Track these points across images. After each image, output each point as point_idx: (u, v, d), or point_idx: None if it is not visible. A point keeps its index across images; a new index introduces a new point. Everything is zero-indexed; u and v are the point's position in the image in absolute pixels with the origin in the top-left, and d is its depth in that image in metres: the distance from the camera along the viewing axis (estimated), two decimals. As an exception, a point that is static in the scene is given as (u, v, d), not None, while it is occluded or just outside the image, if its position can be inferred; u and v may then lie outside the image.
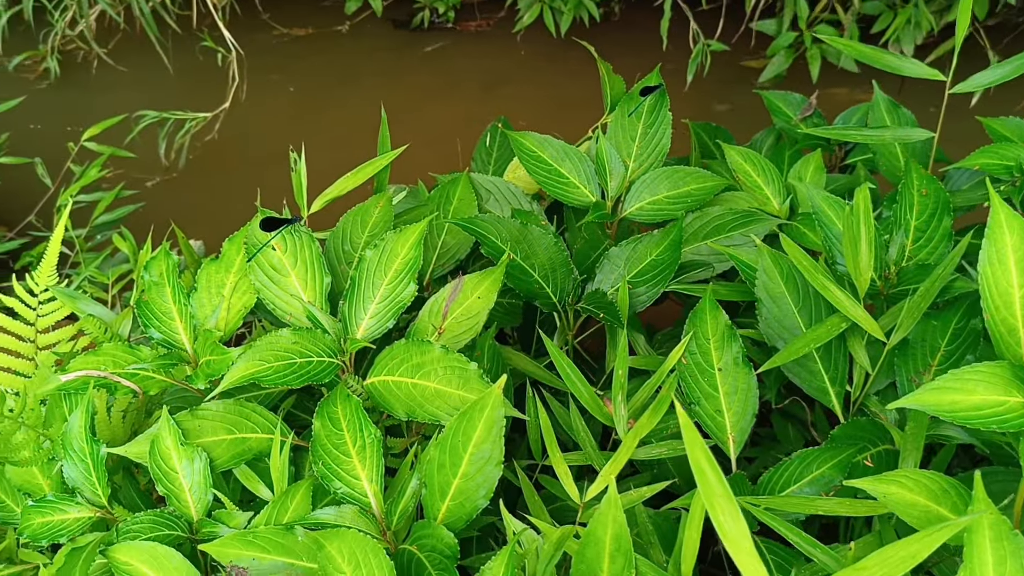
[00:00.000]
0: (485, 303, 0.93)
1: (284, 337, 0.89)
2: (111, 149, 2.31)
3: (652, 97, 1.37)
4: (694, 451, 0.51)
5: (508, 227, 1.10)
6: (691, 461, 0.51)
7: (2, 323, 1.12)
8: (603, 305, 1.07)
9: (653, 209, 1.30)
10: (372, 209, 1.12)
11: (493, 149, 1.67)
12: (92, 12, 2.94)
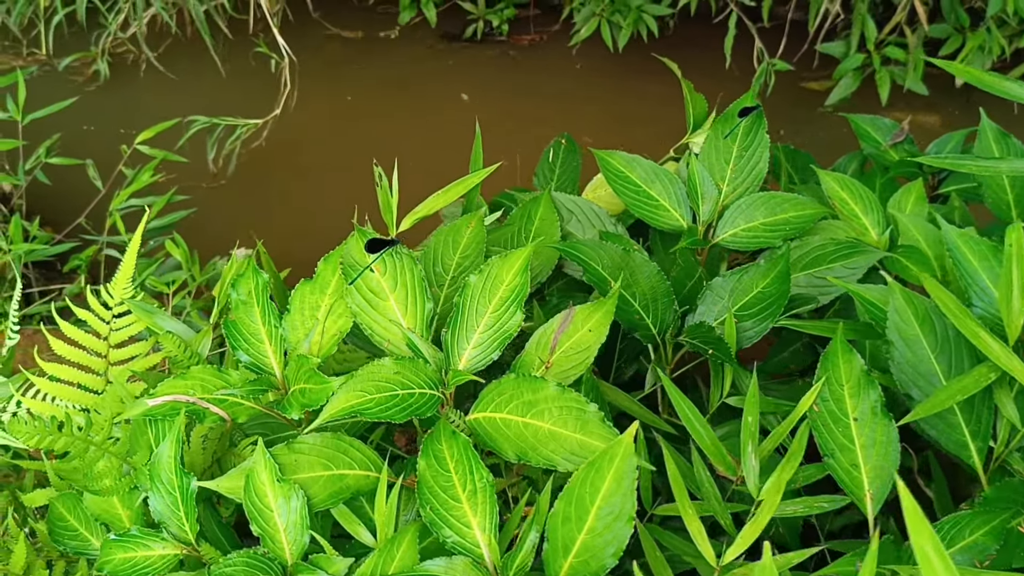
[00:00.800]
0: (596, 336, 0.87)
1: (386, 367, 0.83)
2: (164, 153, 2.28)
3: (749, 118, 1.30)
4: (919, 534, 0.44)
5: (611, 254, 1.04)
6: (915, 545, 0.45)
7: (74, 335, 1.06)
8: (710, 340, 1.00)
9: (748, 236, 1.24)
10: (464, 229, 1.07)
11: (556, 166, 1.62)
12: (146, 15, 2.91)
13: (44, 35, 3.03)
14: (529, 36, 3.20)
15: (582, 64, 3.02)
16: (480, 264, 1.04)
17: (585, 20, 2.88)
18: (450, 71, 3.09)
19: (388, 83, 3.04)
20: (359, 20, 3.24)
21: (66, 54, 3.04)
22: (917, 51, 2.68)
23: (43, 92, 2.72)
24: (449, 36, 3.22)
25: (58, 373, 1.07)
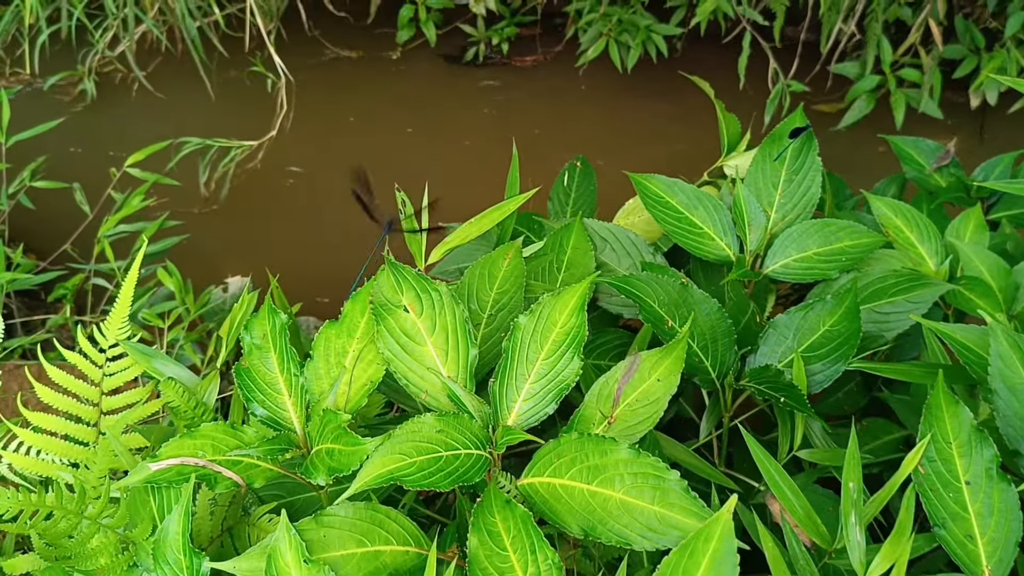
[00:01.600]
0: (666, 387, 0.76)
1: (427, 424, 0.72)
2: (155, 176, 2.16)
3: (799, 140, 1.21)
4: None
5: (667, 289, 0.93)
6: None
7: (62, 381, 0.95)
8: (780, 385, 0.90)
9: (801, 267, 1.14)
10: (500, 262, 0.96)
11: (571, 190, 1.52)
12: (135, 32, 2.80)
13: (28, 53, 2.91)
14: (532, 57, 3.11)
15: (587, 84, 2.93)
16: (519, 300, 0.93)
17: (592, 40, 2.80)
18: (452, 92, 3.00)
19: (388, 104, 2.95)
20: (358, 40, 3.14)
21: (51, 73, 2.92)
22: (933, 73, 2.61)
23: (28, 112, 2.60)
24: (449, 58, 3.13)
25: (44, 424, 0.95)
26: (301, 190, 2.62)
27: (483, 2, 3.02)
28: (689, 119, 2.85)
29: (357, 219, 2.57)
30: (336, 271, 2.33)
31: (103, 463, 0.91)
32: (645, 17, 2.81)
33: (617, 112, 2.84)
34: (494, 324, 0.92)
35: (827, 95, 2.76)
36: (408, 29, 3.07)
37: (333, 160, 2.72)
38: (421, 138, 2.79)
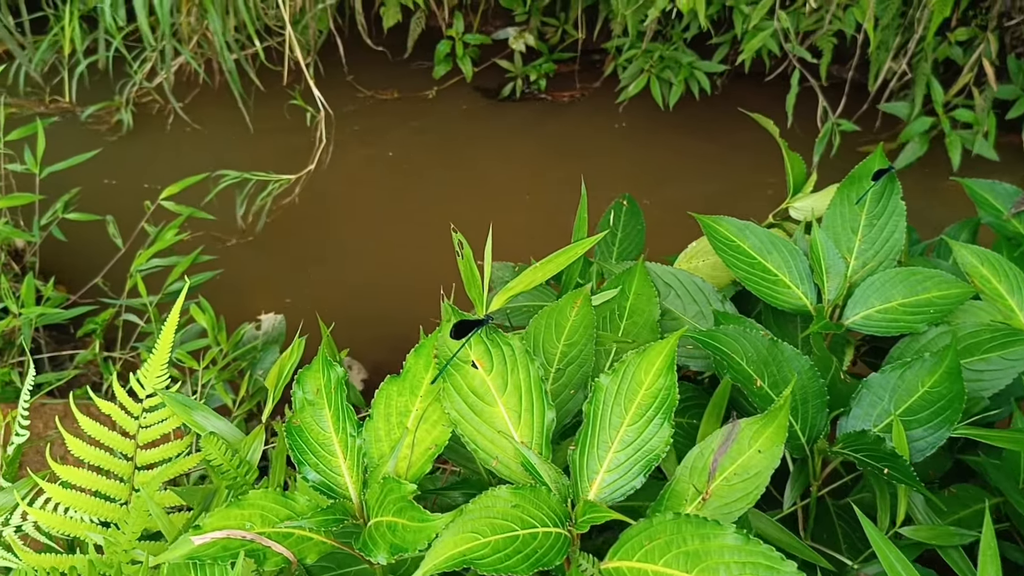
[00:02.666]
0: (768, 459, 0.67)
1: (502, 498, 0.64)
2: (190, 210, 2.11)
3: (881, 182, 1.13)
4: None
5: (755, 345, 0.85)
6: None
7: (94, 433, 0.88)
8: (882, 454, 0.81)
9: (884, 319, 1.05)
10: (567, 311, 0.88)
11: (618, 230, 1.44)
12: (173, 64, 2.79)
13: (67, 83, 2.91)
14: (569, 92, 3.06)
15: (627, 121, 2.88)
16: (589, 353, 0.86)
17: (633, 77, 2.75)
18: (490, 127, 2.95)
19: (426, 140, 2.90)
20: (394, 79, 3.10)
21: (89, 102, 2.91)
22: (987, 114, 2.52)
23: (63, 142, 2.58)
24: (486, 92, 3.09)
25: (74, 478, 0.88)
26: (339, 222, 2.58)
27: (522, 39, 2.99)
28: (729, 159, 2.78)
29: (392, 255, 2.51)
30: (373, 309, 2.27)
31: (137, 523, 0.84)
32: (687, 54, 2.75)
33: (657, 150, 2.78)
34: (563, 379, 0.85)
35: (876, 134, 2.68)
36: (445, 64, 3.04)
37: (371, 195, 2.67)
38: (460, 173, 2.74)
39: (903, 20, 2.62)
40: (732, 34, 2.73)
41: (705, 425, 0.87)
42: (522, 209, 2.52)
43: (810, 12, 2.58)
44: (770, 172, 2.55)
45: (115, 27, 2.62)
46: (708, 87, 2.72)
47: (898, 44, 2.62)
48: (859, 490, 1.03)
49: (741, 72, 2.95)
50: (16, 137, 2.10)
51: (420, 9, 2.98)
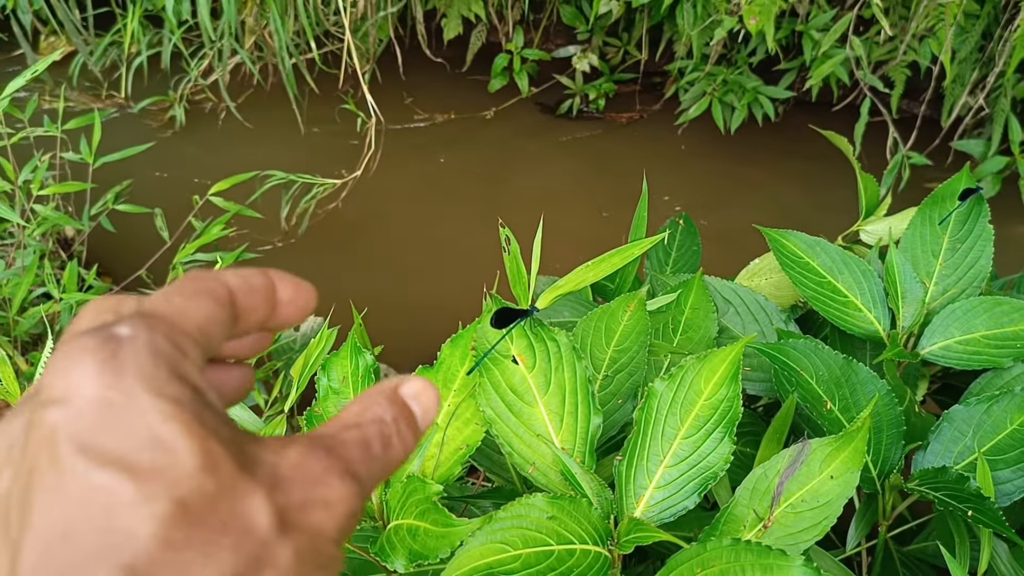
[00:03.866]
0: (842, 487, 0.59)
1: (536, 507, 0.57)
2: (237, 207, 2.09)
3: (967, 204, 1.04)
4: None
5: (827, 362, 0.77)
6: None
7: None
8: (965, 495, 0.72)
9: (966, 351, 0.96)
10: (619, 314, 0.81)
11: (672, 249, 1.37)
12: (230, 63, 2.80)
13: (124, 78, 2.93)
14: (627, 114, 3.00)
15: (686, 144, 2.80)
16: (641, 360, 0.78)
17: (695, 99, 2.68)
18: (544, 145, 2.90)
19: (478, 154, 2.86)
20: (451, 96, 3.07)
21: (143, 98, 2.93)
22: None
23: (116, 136, 2.59)
24: (544, 107, 3.04)
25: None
26: (383, 231, 2.54)
27: (586, 58, 2.94)
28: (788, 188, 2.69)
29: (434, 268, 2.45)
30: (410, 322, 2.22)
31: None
32: (752, 79, 2.68)
33: (714, 175, 2.69)
34: (611, 387, 0.77)
35: (946, 171, 2.57)
36: (501, 78, 3.00)
37: (416, 206, 2.63)
38: (509, 187, 2.69)
39: (981, 55, 2.51)
40: (800, 60, 2.65)
41: (764, 449, 0.79)
42: (571, 226, 2.45)
43: (884, 41, 2.49)
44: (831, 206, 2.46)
45: (176, 24, 2.64)
46: (772, 113, 2.64)
47: (975, 79, 2.51)
48: (924, 537, 0.94)
49: (807, 101, 2.87)
50: (74, 127, 2.10)
51: (482, 22, 2.96)
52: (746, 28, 2.25)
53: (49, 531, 0.20)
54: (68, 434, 0.21)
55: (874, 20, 2.49)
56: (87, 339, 0.22)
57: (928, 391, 1.09)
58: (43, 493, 0.21)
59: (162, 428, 0.21)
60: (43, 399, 0.21)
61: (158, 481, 0.20)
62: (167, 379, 0.22)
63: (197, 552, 0.20)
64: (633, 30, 2.95)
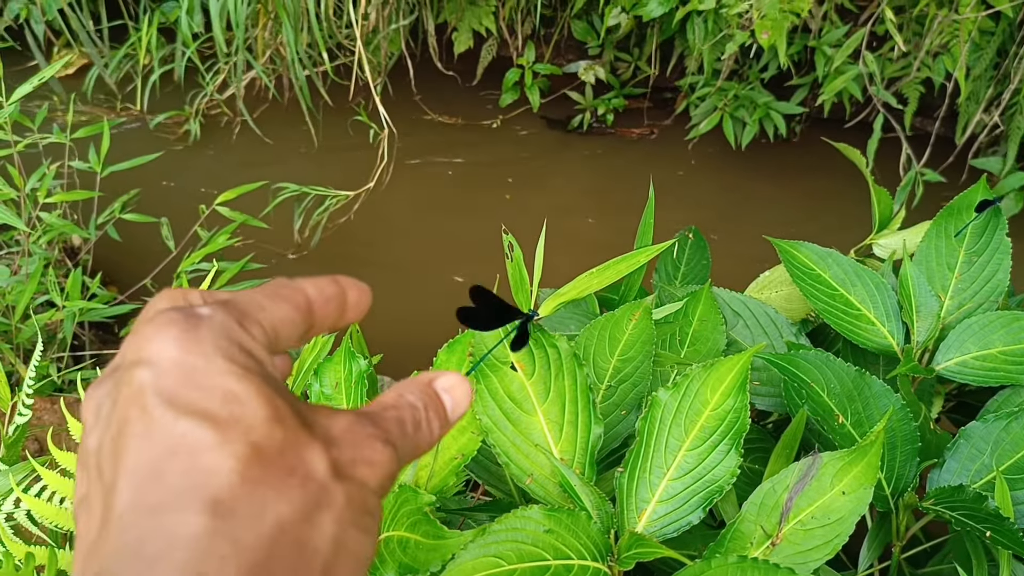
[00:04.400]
0: (854, 503, 0.56)
1: (533, 520, 0.54)
2: (244, 216, 2.08)
3: (984, 216, 1.02)
4: None
5: (839, 374, 0.74)
6: None
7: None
8: (983, 515, 0.69)
9: (982, 367, 0.93)
10: (624, 323, 0.79)
11: (681, 262, 1.35)
12: (245, 78, 2.80)
13: (140, 91, 2.94)
14: (638, 129, 2.98)
15: (696, 159, 2.78)
16: (646, 370, 0.76)
17: (705, 114, 2.66)
18: (553, 159, 2.89)
19: (488, 167, 2.85)
20: (460, 106, 3.07)
21: (159, 111, 2.94)
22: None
23: (131, 149, 2.59)
24: (552, 122, 3.03)
25: (74, 465, 0.81)
26: (392, 243, 2.52)
27: (592, 71, 2.94)
28: (800, 204, 2.67)
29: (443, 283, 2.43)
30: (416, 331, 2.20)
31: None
32: (763, 94, 2.66)
33: (725, 190, 2.67)
34: (614, 397, 0.75)
35: (961, 188, 2.53)
36: (512, 92, 3.00)
37: (427, 218, 2.62)
38: (518, 202, 2.67)
39: (996, 72, 2.49)
40: (812, 76, 2.63)
41: (773, 465, 0.76)
42: (577, 241, 2.43)
43: (897, 57, 2.47)
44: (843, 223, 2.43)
45: (190, 37, 2.65)
46: (784, 129, 2.62)
47: (990, 96, 2.48)
48: (940, 559, 0.90)
49: (819, 117, 2.84)
50: (83, 135, 2.10)
51: (493, 36, 2.95)
52: (758, 43, 2.24)
53: (141, 472, 0.23)
54: (155, 390, 0.24)
55: (887, 36, 2.47)
56: (171, 314, 0.25)
57: (942, 409, 1.06)
58: (134, 440, 0.24)
59: (236, 386, 0.24)
60: (130, 362, 0.25)
61: (235, 428, 0.24)
62: (238, 351, 0.25)
63: (270, 488, 0.24)
64: (644, 45, 2.94)
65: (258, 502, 0.23)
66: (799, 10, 2.19)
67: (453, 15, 2.86)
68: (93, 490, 0.25)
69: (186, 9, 2.45)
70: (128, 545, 0.23)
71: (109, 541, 0.23)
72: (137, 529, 0.23)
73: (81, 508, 0.25)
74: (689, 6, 2.34)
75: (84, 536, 0.25)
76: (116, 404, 0.25)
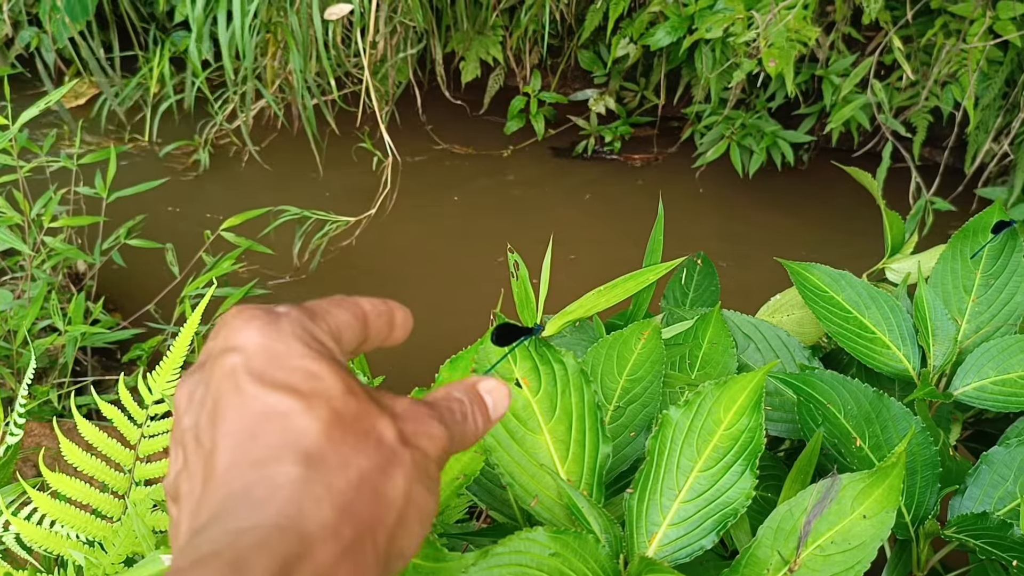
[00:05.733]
0: (876, 528, 0.54)
1: (538, 542, 0.52)
2: (248, 242, 2.07)
3: (1000, 237, 0.99)
4: None
5: (856, 396, 0.72)
6: None
7: (93, 439, 0.78)
8: (1008, 543, 0.66)
9: (1001, 392, 0.91)
10: (632, 342, 0.76)
11: (689, 289, 1.33)
12: (254, 107, 2.81)
13: (149, 121, 2.96)
14: (643, 156, 2.98)
15: (703, 188, 2.77)
16: (656, 391, 0.74)
17: (713, 142, 2.65)
18: (558, 186, 2.88)
19: (492, 195, 2.85)
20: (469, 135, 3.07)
21: (167, 141, 2.95)
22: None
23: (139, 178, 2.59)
24: (557, 151, 3.03)
25: (66, 489, 0.78)
26: (394, 270, 2.51)
27: (602, 101, 2.94)
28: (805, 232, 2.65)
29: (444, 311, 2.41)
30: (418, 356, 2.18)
31: (124, 545, 0.74)
32: (771, 123, 2.65)
33: (731, 218, 2.66)
34: (622, 418, 0.72)
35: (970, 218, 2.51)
36: (518, 120, 3.00)
37: (429, 246, 2.61)
38: (522, 229, 2.66)
39: (1005, 101, 2.48)
40: (820, 106, 2.62)
41: (788, 490, 0.73)
42: (582, 268, 2.41)
43: (906, 87, 2.46)
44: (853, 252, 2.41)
45: (199, 66, 2.66)
46: (791, 157, 2.61)
47: (999, 125, 2.47)
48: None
49: (827, 147, 2.83)
50: (89, 161, 2.10)
51: (500, 66, 2.96)
52: (765, 72, 2.23)
53: (239, 435, 0.28)
54: (246, 369, 0.28)
55: (895, 66, 2.47)
56: (254, 310, 0.30)
57: (960, 437, 1.03)
58: (230, 411, 0.28)
59: (314, 366, 0.29)
60: (220, 350, 0.29)
61: (318, 398, 0.28)
62: (312, 339, 0.30)
63: (350, 447, 0.28)
64: (651, 75, 2.94)
65: (342, 456, 0.27)
66: (806, 39, 2.19)
67: (461, 44, 2.88)
68: (192, 458, 0.29)
69: (195, 37, 2.47)
70: (236, 492, 0.27)
71: (216, 493, 0.27)
72: (242, 479, 0.27)
73: (181, 478, 0.29)
74: (697, 35, 2.35)
75: (188, 497, 0.29)
76: (209, 386, 0.29)
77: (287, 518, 0.26)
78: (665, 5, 2.46)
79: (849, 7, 2.40)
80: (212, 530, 0.26)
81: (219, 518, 0.26)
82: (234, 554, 0.25)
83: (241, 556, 0.25)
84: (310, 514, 0.26)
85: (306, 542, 0.26)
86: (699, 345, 0.95)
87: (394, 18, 2.58)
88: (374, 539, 0.27)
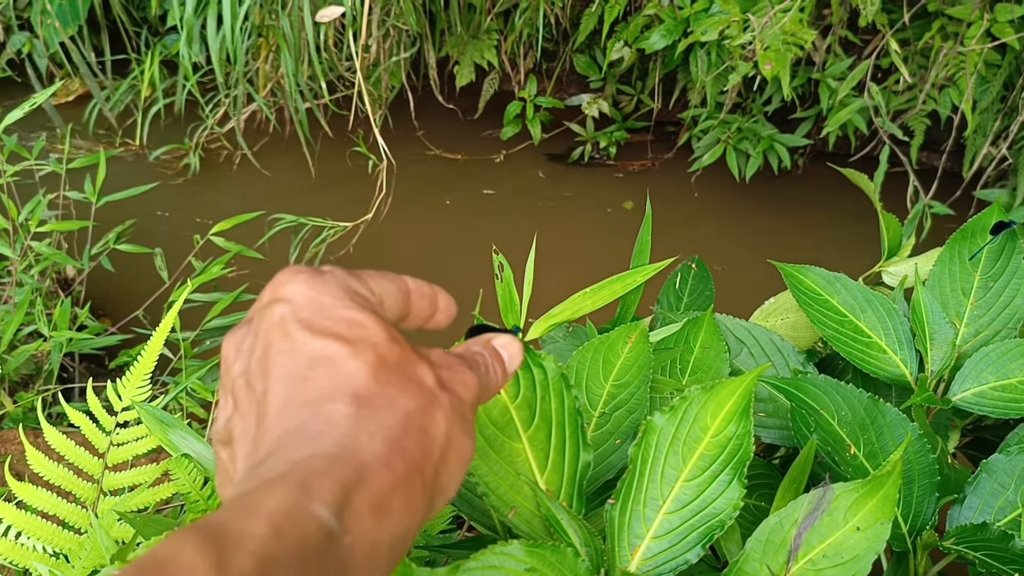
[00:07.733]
0: (870, 540, 0.51)
1: (513, 556, 0.49)
2: (238, 247, 2.05)
3: (1000, 239, 0.97)
4: None
5: (851, 401, 0.69)
6: None
7: (60, 448, 0.76)
8: (1010, 555, 0.63)
9: (1001, 398, 0.88)
10: (619, 346, 0.74)
11: (683, 293, 1.30)
12: (245, 112, 2.79)
13: (140, 125, 2.93)
14: (639, 162, 2.96)
15: (698, 192, 2.75)
16: (643, 397, 0.71)
17: (709, 146, 2.63)
18: (553, 191, 2.86)
19: (487, 200, 2.82)
20: (463, 137, 3.05)
21: (158, 146, 2.92)
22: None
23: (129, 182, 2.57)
24: (553, 157, 3.00)
25: (31, 499, 0.75)
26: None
27: (596, 104, 2.92)
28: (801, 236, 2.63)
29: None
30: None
31: (90, 558, 0.71)
32: (767, 127, 2.63)
33: (728, 222, 2.63)
34: (607, 425, 0.70)
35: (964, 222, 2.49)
36: (514, 125, 2.98)
37: (426, 251, 2.58)
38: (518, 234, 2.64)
39: (1003, 104, 2.46)
40: (817, 109, 2.60)
41: (780, 500, 0.70)
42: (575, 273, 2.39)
43: (903, 90, 2.44)
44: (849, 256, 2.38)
45: (191, 69, 2.64)
46: (788, 161, 2.58)
47: (997, 129, 2.45)
48: (961, 607, 0.84)
49: (823, 151, 2.82)
50: (79, 165, 2.08)
51: (495, 70, 2.94)
52: (761, 75, 2.21)
53: (290, 378, 0.30)
54: (295, 318, 0.30)
55: (892, 69, 2.45)
56: (300, 267, 0.32)
57: (958, 445, 1.00)
58: (281, 356, 0.30)
59: (358, 315, 0.31)
60: (268, 302, 0.31)
61: (363, 344, 0.30)
62: (355, 294, 0.32)
63: (396, 388, 0.30)
64: (647, 79, 2.92)
65: (389, 396, 0.30)
66: (802, 42, 2.17)
67: (455, 48, 2.86)
68: (244, 402, 0.31)
69: (185, 39, 2.44)
70: (291, 429, 0.29)
71: (273, 430, 0.29)
72: (297, 417, 0.29)
73: (233, 421, 0.31)
74: (692, 38, 2.32)
75: (243, 437, 0.30)
76: (258, 335, 0.31)
77: (344, 448, 0.28)
78: (660, 8, 2.44)
79: (846, 10, 2.38)
80: (273, 460, 0.28)
81: (279, 450, 0.28)
82: (300, 474, 0.26)
83: (305, 478, 0.26)
84: (365, 446, 0.28)
85: (362, 470, 0.27)
86: (690, 350, 0.92)
87: (387, 21, 2.56)
88: (422, 473, 0.29)
